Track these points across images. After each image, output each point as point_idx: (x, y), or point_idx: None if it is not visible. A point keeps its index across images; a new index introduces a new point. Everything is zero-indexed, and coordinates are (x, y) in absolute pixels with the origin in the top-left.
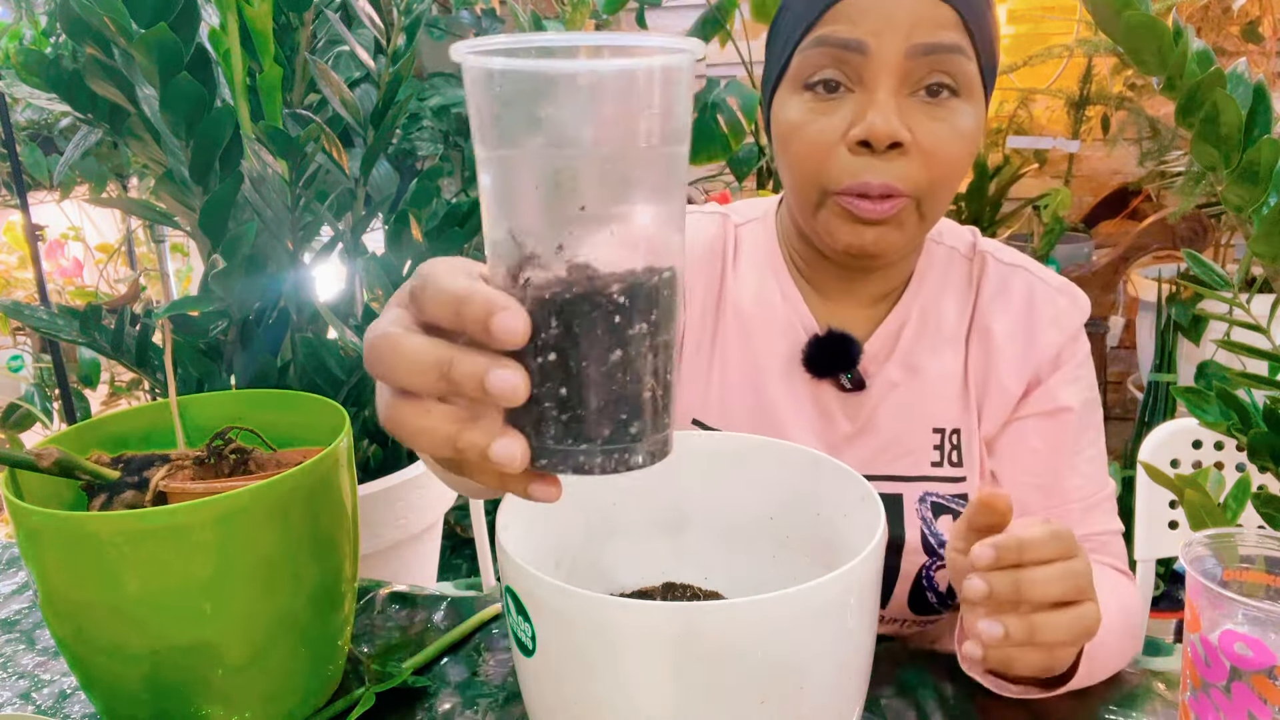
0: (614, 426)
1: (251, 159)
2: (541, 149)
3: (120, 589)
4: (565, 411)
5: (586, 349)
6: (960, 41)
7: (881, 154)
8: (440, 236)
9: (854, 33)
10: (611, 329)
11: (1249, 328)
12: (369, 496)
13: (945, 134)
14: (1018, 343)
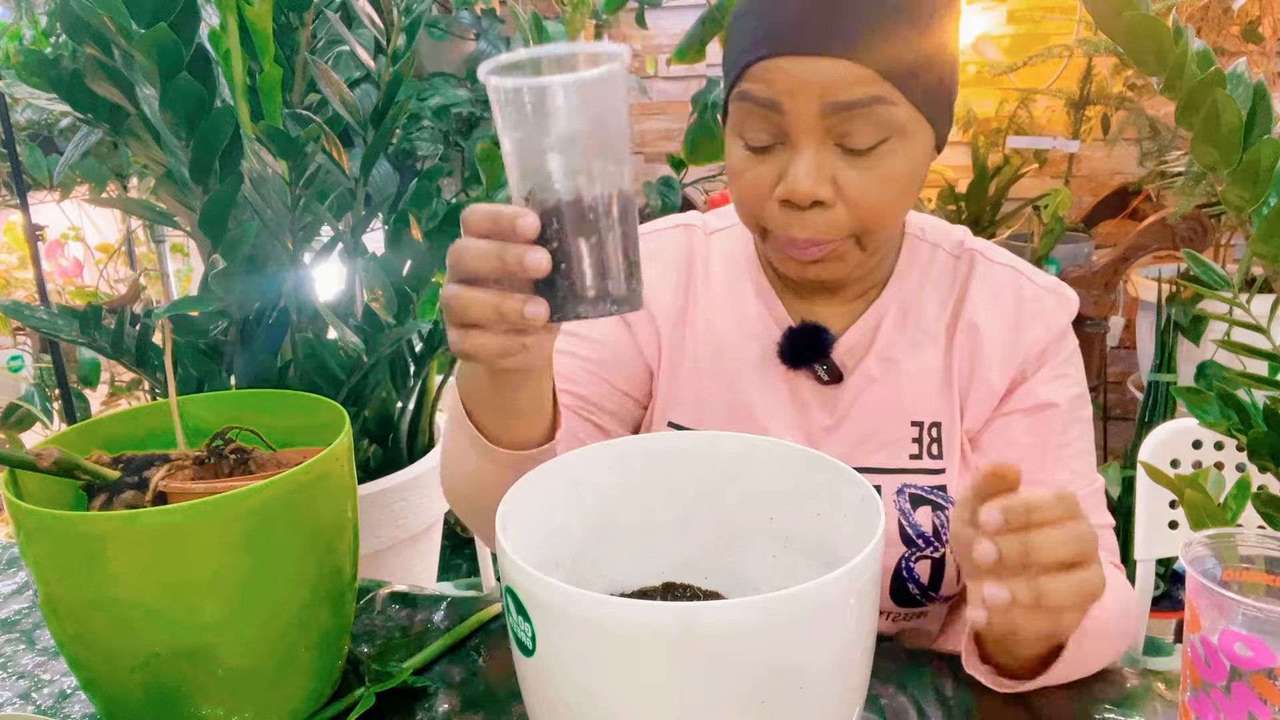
0: (595, 287)
1: (251, 159)
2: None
3: (120, 589)
4: (565, 279)
5: (573, 237)
6: (879, 92)
7: (805, 210)
8: (440, 236)
9: (769, 93)
10: (585, 225)
11: (1249, 328)
12: (369, 496)
13: (871, 184)
14: (1004, 340)
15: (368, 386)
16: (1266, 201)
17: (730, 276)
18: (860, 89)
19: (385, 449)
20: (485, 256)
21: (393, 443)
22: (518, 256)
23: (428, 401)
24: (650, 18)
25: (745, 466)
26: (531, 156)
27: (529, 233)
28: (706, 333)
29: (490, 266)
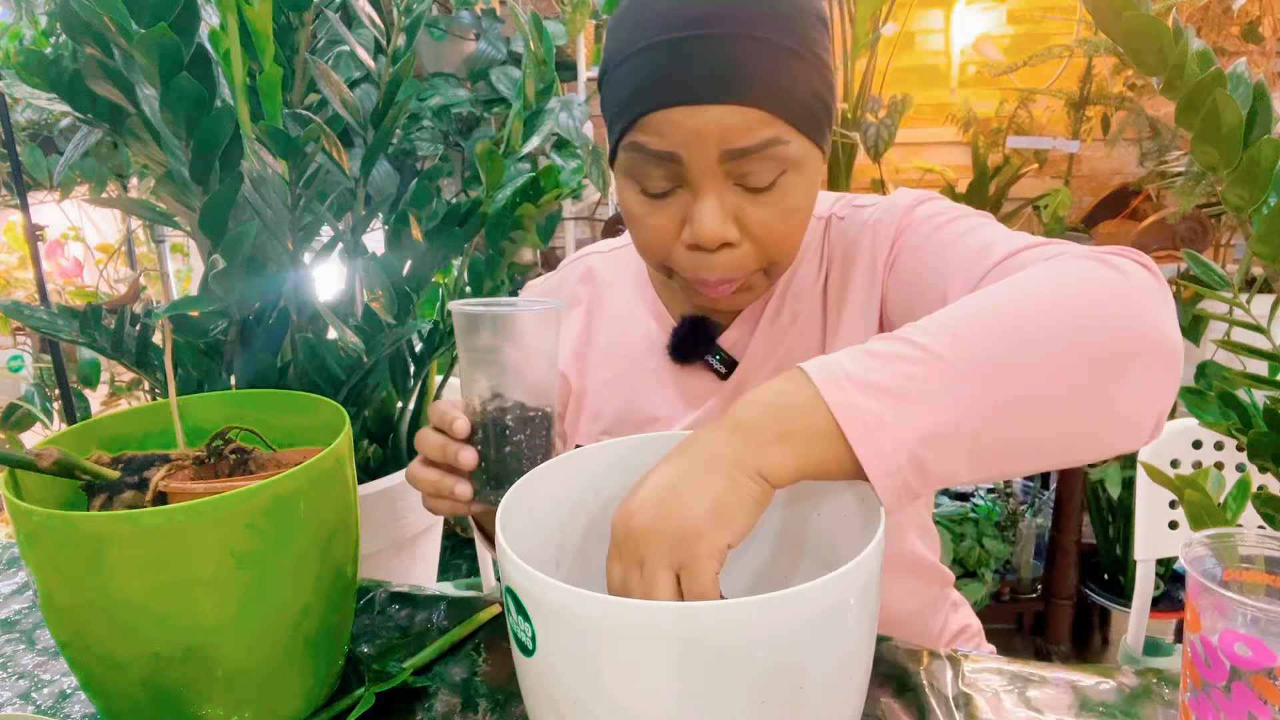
0: (509, 484)
1: (251, 159)
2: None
3: (120, 589)
4: (485, 474)
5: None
6: (774, 134)
7: (714, 252)
8: (440, 236)
9: (665, 145)
10: (503, 438)
11: (1249, 328)
12: (369, 496)
13: (774, 218)
14: (861, 273)
15: (368, 386)
16: (1266, 201)
17: (626, 293)
18: (756, 133)
19: (385, 449)
20: (434, 448)
21: (393, 443)
22: (454, 453)
23: (427, 402)
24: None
25: None
26: (473, 373)
27: (461, 434)
28: (607, 354)
29: (437, 455)
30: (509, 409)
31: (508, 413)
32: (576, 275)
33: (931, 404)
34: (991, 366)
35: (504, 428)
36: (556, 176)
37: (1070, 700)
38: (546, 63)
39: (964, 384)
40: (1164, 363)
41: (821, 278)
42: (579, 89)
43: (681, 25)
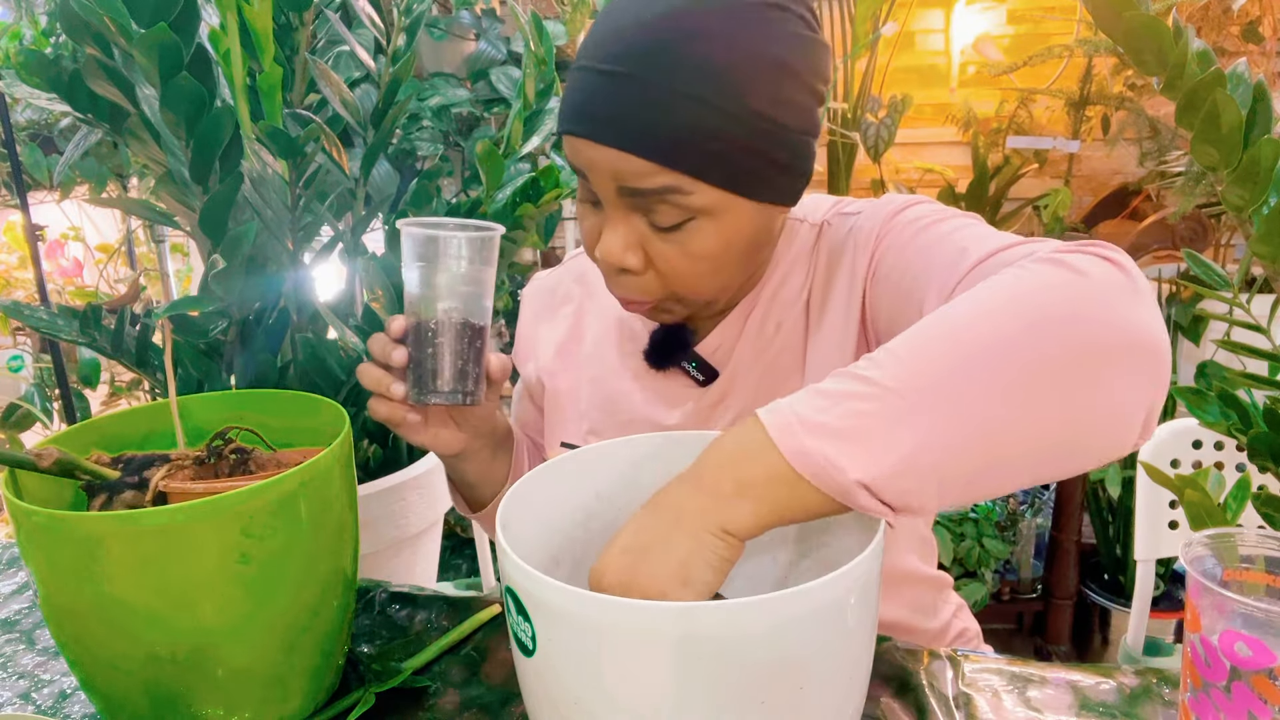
0: (433, 384)
1: (251, 159)
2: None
3: (120, 589)
4: (415, 373)
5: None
6: (669, 183)
7: (619, 275)
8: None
9: (576, 162)
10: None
11: (1249, 328)
12: (369, 496)
13: (679, 258)
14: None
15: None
16: (1266, 201)
17: (600, 307)
18: (649, 180)
19: (385, 449)
20: (375, 346)
21: (393, 443)
22: (388, 351)
23: None
24: None
25: None
26: (410, 285)
27: (395, 334)
28: (592, 354)
29: (376, 351)
30: (435, 315)
31: (434, 318)
32: (572, 275)
33: (880, 442)
34: (944, 393)
35: (429, 331)
36: (556, 176)
37: (1070, 700)
38: (546, 63)
39: (916, 415)
40: (1140, 358)
41: (807, 286)
42: None
43: (605, 58)
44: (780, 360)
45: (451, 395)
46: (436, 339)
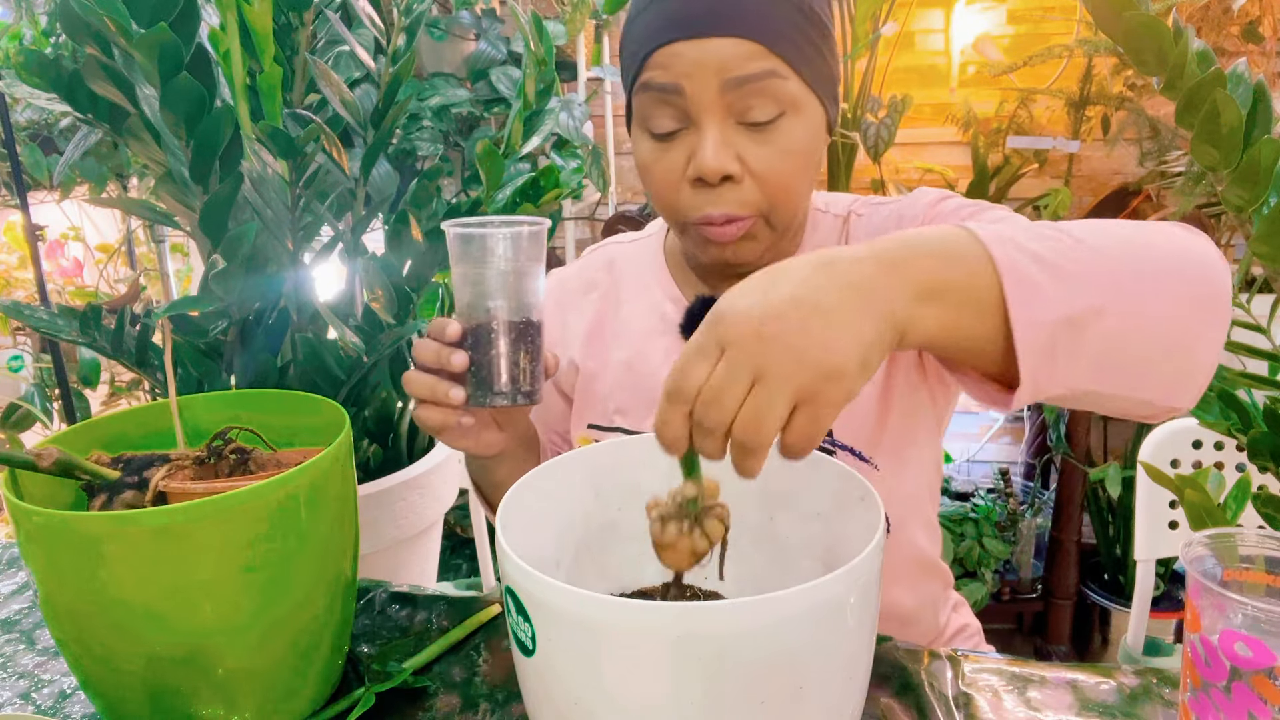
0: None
1: (251, 159)
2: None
3: (120, 589)
4: (474, 377)
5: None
6: (771, 66)
7: (716, 187)
8: (440, 236)
9: (670, 77)
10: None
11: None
12: (369, 496)
13: (775, 157)
14: None
15: (368, 386)
16: (1266, 201)
17: (643, 278)
18: (754, 63)
19: (385, 449)
20: (429, 354)
21: (393, 443)
22: (446, 356)
23: None
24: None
25: None
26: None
27: (452, 337)
28: (621, 335)
29: (431, 359)
30: (493, 316)
31: (494, 318)
32: (597, 262)
33: (1084, 287)
34: (1129, 277)
35: (489, 332)
36: (556, 176)
37: (1070, 700)
38: (546, 63)
39: (1110, 280)
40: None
41: None
42: (579, 89)
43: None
44: None
45: (515, 395)
46: (498, 340)
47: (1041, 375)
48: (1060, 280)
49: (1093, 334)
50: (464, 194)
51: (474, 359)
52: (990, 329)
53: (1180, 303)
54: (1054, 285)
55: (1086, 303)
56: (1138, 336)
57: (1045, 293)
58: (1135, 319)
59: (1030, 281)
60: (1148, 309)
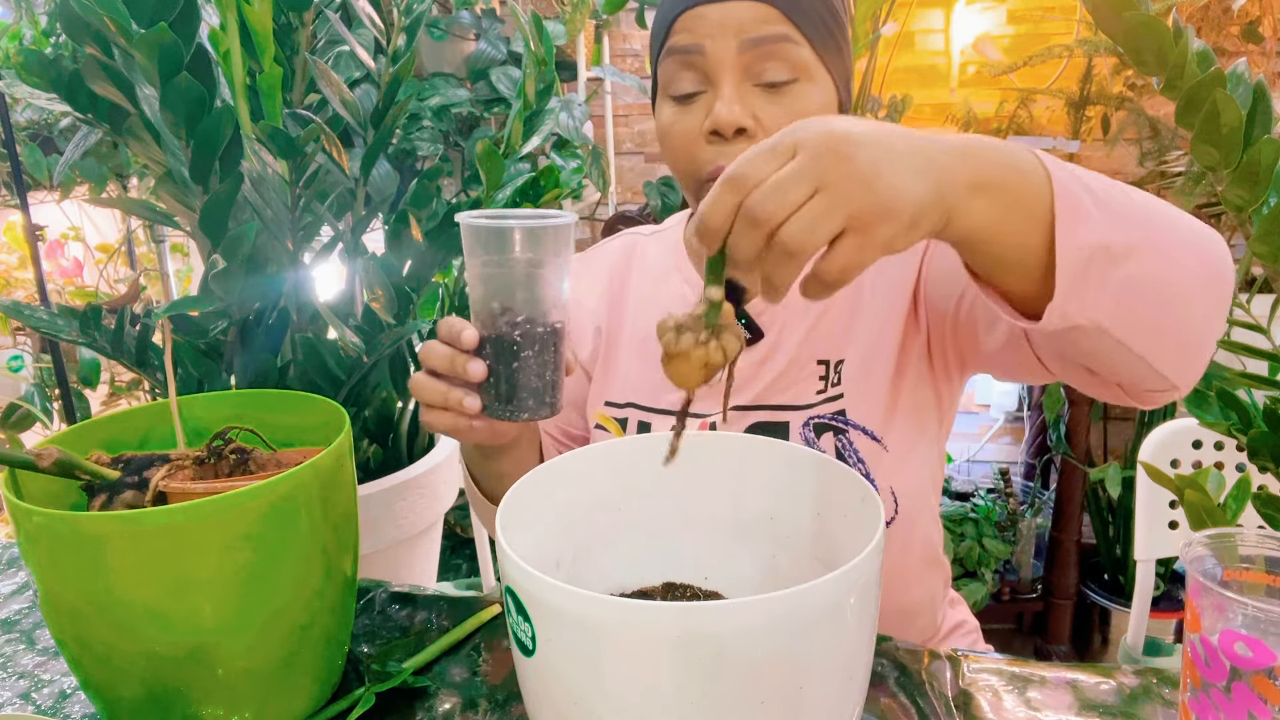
0: (517, 398)
1: (251, 159)
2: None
3: (120, 589)
4: (494, 388)
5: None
6: (785, 30)
7: (731, 140)
8: (440, 236)
9: (693, 39)
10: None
11: (1249, 328)
12: (369, 496)
13: (787, 117)
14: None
15: (368, 386)
16: (1266, 201)
17: (661, 268)
18: (770, 27)
19: (385, 449)
20: (442, 358)
21: (393, 443)
22: (462, 364)
23: None
24: (650, 17)
25: (745, 466)
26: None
27: (469, 344)
28: (637, 317)
29: (444, 366)
30: (518, 324)
31: (517, 327)
32: (616, 248)
33: (1125, 224)
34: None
35: (512, 342)
36: (556, 176)
37: (1070, 700)
38: (546, 63)
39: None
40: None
41: None
42: (579, 89)
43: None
44: (826, 318)
45: (539, 409)
46: (522, 352)
47: (1072, 297)
48: (1105, 212)
49: (1123, 271)
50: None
51: (493, 369)
52: (1032, 240)
53: (1198, 271)
54: (1100, 214)
55: (1125, 238)
56: (1160, 288)
57: (1092, 217)
58: (1162, 270)
59: (1079, 204)
60: (1173, 266)
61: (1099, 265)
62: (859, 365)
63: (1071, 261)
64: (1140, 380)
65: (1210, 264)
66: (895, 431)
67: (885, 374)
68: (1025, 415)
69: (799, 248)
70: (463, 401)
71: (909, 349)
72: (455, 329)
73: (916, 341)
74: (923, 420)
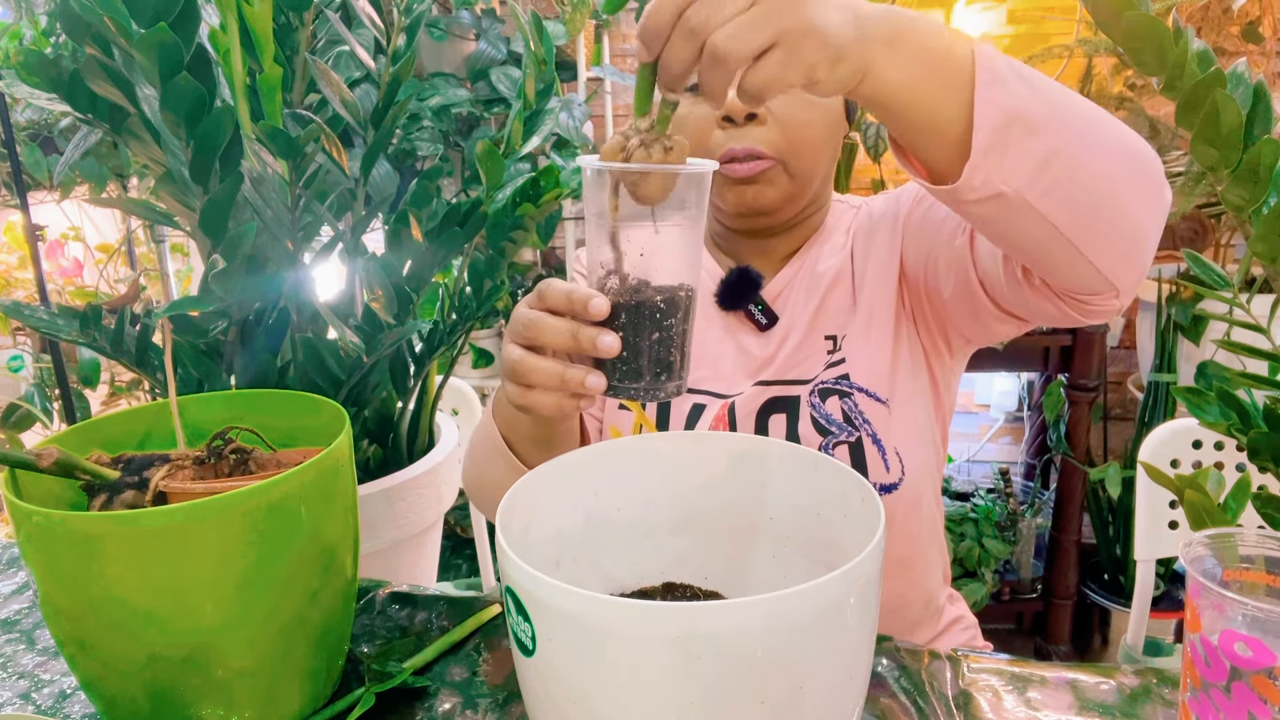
0: (651, 375)
1: (251, 159)
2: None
3: (120, 589)
4: (626, 364)
5: (640, 328)
6: None
7: (743, 125)
8: (440, 237)
9: None
10: (652, 321)
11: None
12: (369, 496)
13: (796, 104)
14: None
15: (368, 386)
16: (1266, 201)
17: None
18: None
19: (385, 449)
20: (560, 333)
21: (393, 443)
22: (591, 338)
23: (428, 401)
24: None
25: (746, 466)
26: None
27: (599, 316)
28: None
29: (563, 342)
30: (659, 287)
31: (659, 292)
32: None
33: (1045, 102)
34: (1088, 120)
35: (655, 310)
36: (556, 176)
37: (1070, 700)
38: (546, 63)
39: (1070, 113)
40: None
41: (849, 245)
42: (579, 89)
43: None
44: (829, 300)
45: (680, 386)
46: (664, 321)
47: (991, 156)
48: (1028, 86)
49: (1043, 144)
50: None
51: (630, 343)
52: (951, 103)
53: (1124, 165)
54: (1021, 86)
55: (1044, 112)
56: (1083, 169)
57: (1012, 87)
58: (1084, 151)
59: (1000, 75)
60: (1097, 150)
61: (1018, 133)
62: (860, 333)
63: (987, 123)
64: (1078, 279)
65: (1138, 165)
66: (898, 394)
67: (885, 339)
68: (1025, 415)
69: (726, 51)
70: (585, 382)
71: (901, 317)
72: (578, 295)
73: (905, 313)
74: (921, 395)
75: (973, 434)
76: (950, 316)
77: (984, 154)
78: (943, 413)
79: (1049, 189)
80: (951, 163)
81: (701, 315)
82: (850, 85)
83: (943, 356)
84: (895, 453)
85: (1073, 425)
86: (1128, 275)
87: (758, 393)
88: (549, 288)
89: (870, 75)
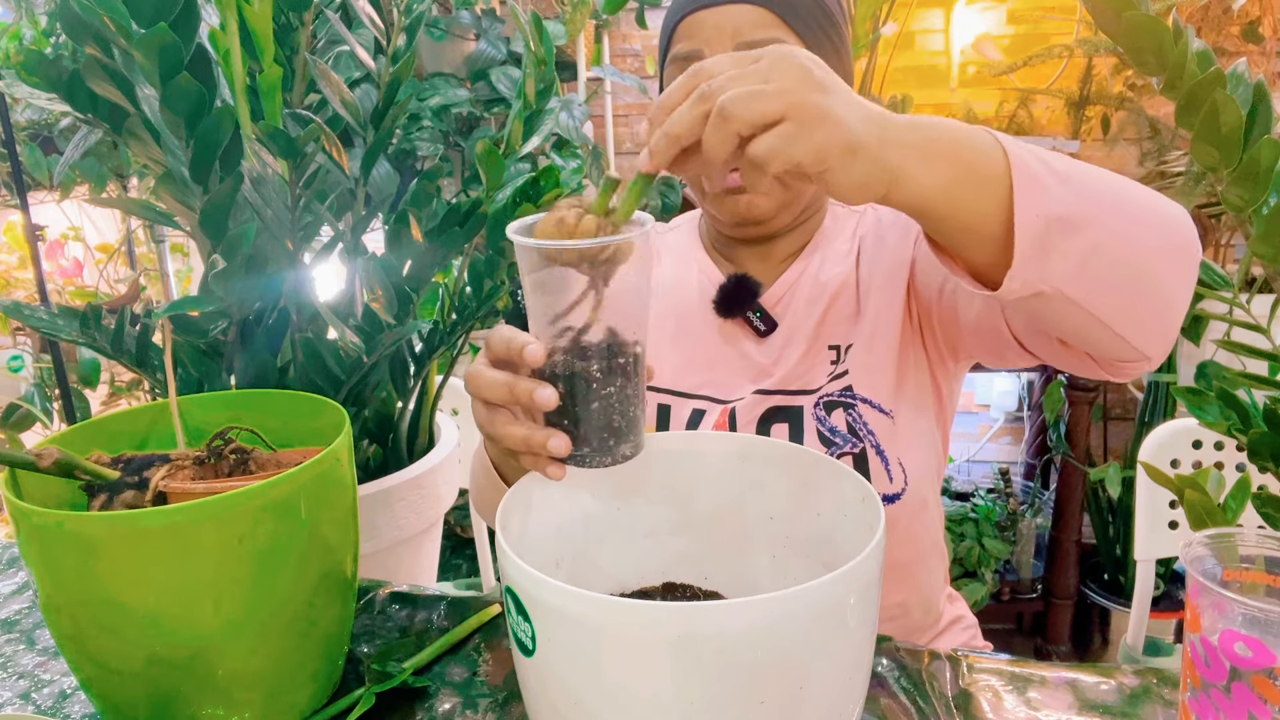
0: (598, 440)
1: (251, 159)
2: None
3: (120, 589)
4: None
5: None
6: (779, 34)
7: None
8: (440, 236)
9: (693, 45)
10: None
11: (1249, 328)
12: (369, 496)
13: None
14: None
15: (368, 386)
16: (1266, 201)
17: (679, 262)
18: (765, 30)
19: (385, 449)
20: (497, 386)
21: (393, 443)
22: (528, 390)
23: (428, 401)
24: (650, 18)
25: (745, 466)
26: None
27: (535, 363)
28: (659, 309)
29: (501, 396)
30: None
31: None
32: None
33: (1082, 196)
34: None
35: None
36: (556, 176)
37: (1070, 700)
38: (546, 63)
39: (1104, 200)
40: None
41: (855, 248)
42: (579, 89)
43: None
44: (833, 310)
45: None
46: (603, 390)
47: (1031, 264)
48: (1063, 184)
49: (1082, 240)
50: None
51: (575, 414)
52: (988, 209)
53: (1160, 242)
54: (1057, 185)
55: (1083, 210)
56: (1122, 257)
57: (1049, 189)
58: (1122, 238)
59: (1036, 176)
60: (1133, 234)
61: (1057, 234)
62: (864, 344)
63: (1029, 230)
64: (1111, 351)
65: (1172, 236)
66: (903, 404)
67: (889, 351)
68: (1025, 415)
69: (732, 112)
70: (547, 445)
71: (907, 331)
72: (518, 345)
73: (912, 324)
74: (924, 403)
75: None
76: (962, 339)
77: (1024, 262)
78: (945, 418)
79: (1088, 282)
80: (991, 260)
81: (700, 321)
82: (878, 191)
83: (947, 365)
84: (899, 463)
85: (1073, 425)
86: (1159, 346)
87: (759, 400)
88: (493, 336)
89: (901, 182)
